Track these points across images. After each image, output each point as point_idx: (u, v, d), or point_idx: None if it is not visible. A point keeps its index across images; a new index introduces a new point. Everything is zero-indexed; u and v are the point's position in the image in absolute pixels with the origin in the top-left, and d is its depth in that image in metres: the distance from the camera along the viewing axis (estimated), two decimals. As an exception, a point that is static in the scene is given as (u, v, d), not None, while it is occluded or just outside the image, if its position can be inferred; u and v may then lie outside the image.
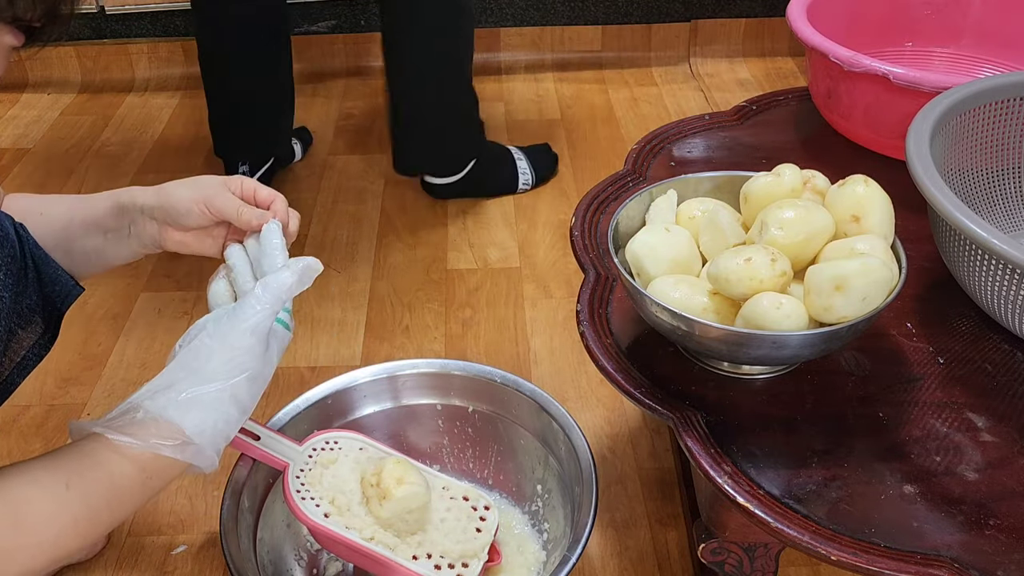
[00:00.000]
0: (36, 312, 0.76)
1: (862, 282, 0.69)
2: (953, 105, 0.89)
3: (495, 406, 1.05)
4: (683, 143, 1.14)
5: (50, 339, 0.79)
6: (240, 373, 0.71)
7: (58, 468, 0.66)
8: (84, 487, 0.65)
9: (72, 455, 0.67)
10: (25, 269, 0.74)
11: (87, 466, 0.66)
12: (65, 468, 0.66)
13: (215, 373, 0.71)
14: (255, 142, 1.79)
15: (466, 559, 0.88)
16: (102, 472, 0.67)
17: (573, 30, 2.35)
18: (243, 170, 1.78)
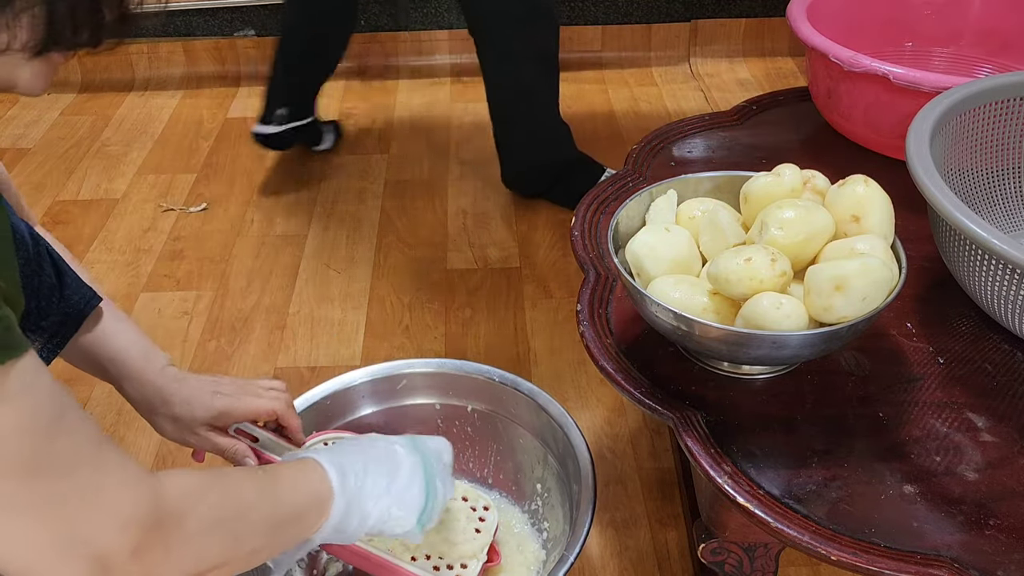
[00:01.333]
0: (55, 316, 0.77)
1: (862, 282, 0.69)
2: (953, 105, 0.89)
3: (494, 405, 1.05)
4: (683, 143, 1.14)
5: (59, 343, 0.79)
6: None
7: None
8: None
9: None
10: (40, 273, 0.74)
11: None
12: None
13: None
14: (305, 93, 1.88)
15: (465, 560, 0.88)
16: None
17: (573, 30, 2.35)
18: (281, 113, 1.84)
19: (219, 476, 0.64)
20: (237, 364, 1.42)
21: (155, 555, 0.56)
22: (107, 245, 1.72)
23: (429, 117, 2.14)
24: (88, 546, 0.52)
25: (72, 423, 0.53)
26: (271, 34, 2.34)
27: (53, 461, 0.51)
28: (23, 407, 0.50)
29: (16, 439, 0.50)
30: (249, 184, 1.90)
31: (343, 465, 0.73)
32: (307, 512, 0.70)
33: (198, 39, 2.35)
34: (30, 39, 0.53)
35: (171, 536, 0.57)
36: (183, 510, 0.58)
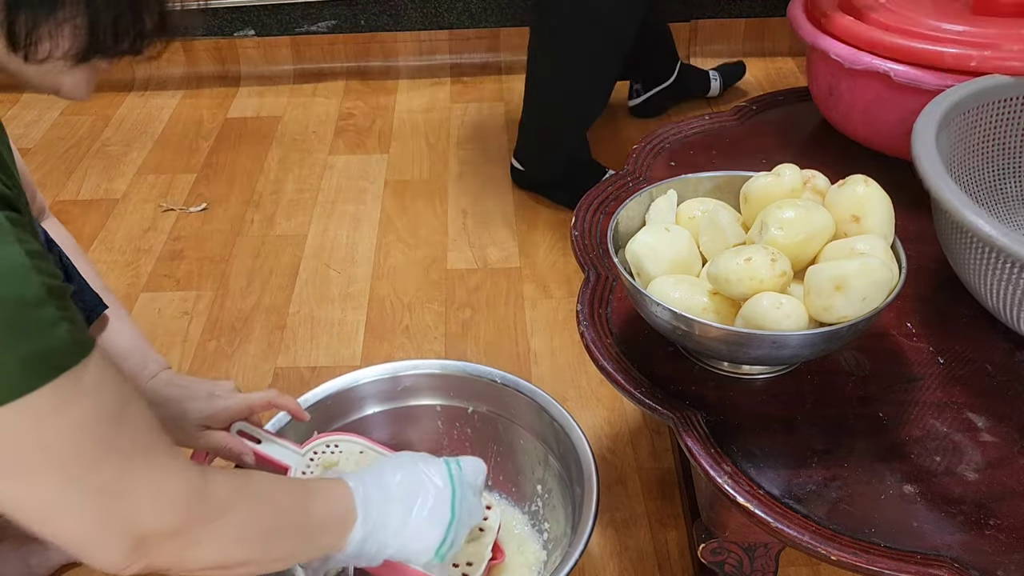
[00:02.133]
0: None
1: (862, 282, 0.69)
2: (956, 103, 0.89)
3: (495, 406, 1.05)
4: (683, 143, 1.14)
5: None
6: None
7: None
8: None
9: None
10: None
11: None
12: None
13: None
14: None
15: (470, 559, 0.89)
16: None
17: (573, 30, 2.35)
18: (637, 88, 2.03)
19: (256, 480, 0.67)
20: (237, 364, 1.42)
21: (189, 541, 0.59)
22: (107, 245, 1.72)
23: (429, 117, 2.14)
24: (134, 524, 0.56)
25: (134, 412, 0.57)
26: (271, 34, 2.35)
27: (118, 446, 0.56)
28: (99, 399, 0.54)
29: (92, 428, 0.54)
30: (249, 184, 1.90)
31: (369, 494, 0.74)
32: (330, 531, 0.72)
33: (198, 39, 2.35)
34: (72, 47, 0.55)
35: (208, 527, 0.60)
36: (224, 506, 0.61)
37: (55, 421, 0.52)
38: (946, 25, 1.00)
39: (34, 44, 0.53)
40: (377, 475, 0.76)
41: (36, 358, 0.50)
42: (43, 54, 0.54)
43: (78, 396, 0.53)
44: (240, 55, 2.35)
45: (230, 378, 1.39)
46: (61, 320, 0.52)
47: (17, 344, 0.49)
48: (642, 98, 2.05)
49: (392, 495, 0.75)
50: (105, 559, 0.57)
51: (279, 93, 2.27)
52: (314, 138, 2.06)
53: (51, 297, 0.51)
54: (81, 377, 0.53)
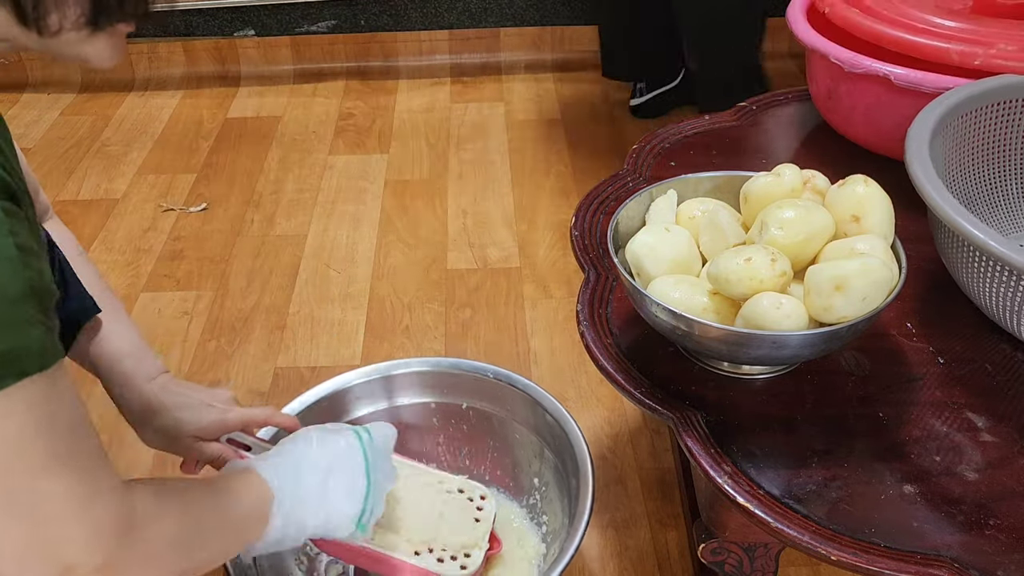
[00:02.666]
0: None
1: (862, 282, 0.69)
2: (954, 107, 0.89)
3: (489, 402, 1.05)
4: (683, 143, 1.14)
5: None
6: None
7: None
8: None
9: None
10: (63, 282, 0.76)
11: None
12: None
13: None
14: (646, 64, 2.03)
15: (468, 549, 0.89)
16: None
17: (573, 30, 2.35)
18: (641, 87, 2.04)
19: (180, 491, 0.65)
20: (237, 364, 1.42)
21: (118, 567, 0.56)
22: (107, 245, 1.72)
23: (429, 117, 2.14)
24: (61, 553, 0.53)
25: (83, 436, 0.55)
26: (271, 34, 2.35)
27: (60, 466, 0.53)
28: (53, 413, 0.52)
29: (38, 441, 0.51)
30: (249, 184, 1.90)
31: (282, 478, 0.73)
32: (252, 527, 0.71)
33: (198, 39, 2.35)
34: (81, 15, 0.54)
35: (136, 551, 0.58)
36: (149, 526, 0.59)
37: (3, 425, 0.50)
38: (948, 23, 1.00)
39: (42, 17, 0.53)
40: (287, 455, 0.76)
41: (2, 356, 0.48)
42: (55, 26, 0.54)
43: (34, 405, 0.50)
44: (240, 55, 2.35)
45: (230, 379, 1.39)
46: (38, 323, 0.50)
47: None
48: (645, 98, 2.05)
49: (304, 474, 0.74)
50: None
51: (279, 93, 2.27)
52: (314, 138, 2.06)
53: (32, 296, 0.50)
54: (45, 387, 0.51)
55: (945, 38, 0.98)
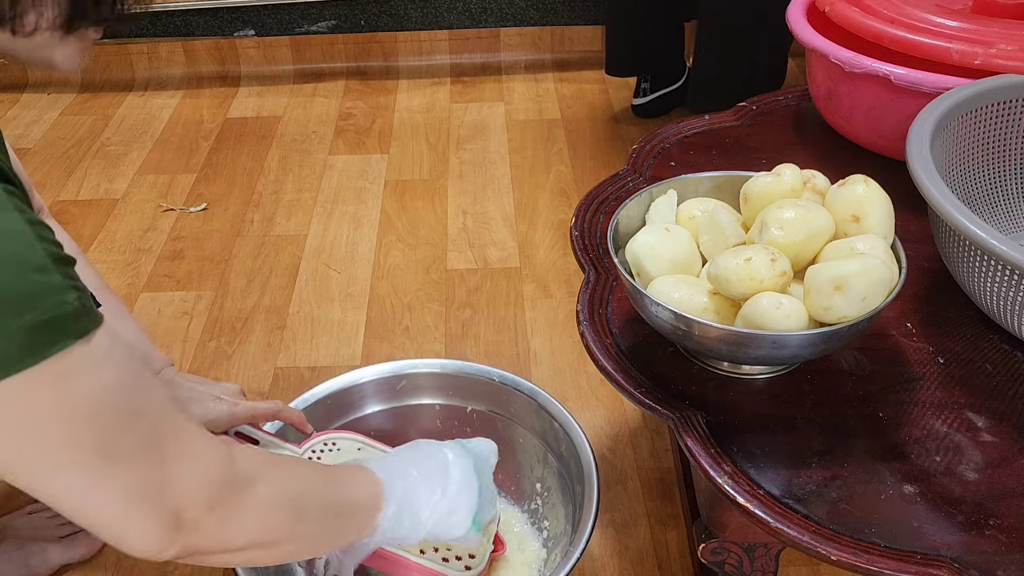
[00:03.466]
0: None
1: (862, 282, 0.69)
2: (954, 106, 0.89)
3: (493, 405, 1.05)
4: (683, 143, 1.14)
5: None
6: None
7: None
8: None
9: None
10: None
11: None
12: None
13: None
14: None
15: (472, 550, 0.89)
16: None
17: (573, 30, 2.35)
18: (644, 87, 2.04)
19: (281, 457, 0.67)
20: (237, 364, 1.42)
21: (227, 514, 0.57)
22: (107, 245, 1.72)
23: (429, 117, 2.14)
24: (168, 497, 0.54)
25: (151, 383, 0.55)
26: (271, 34, 2.35)
27: (140, 416, 0.53)
28: (115, 369, 0.52)
29: (112, 398, 0.51)
30: (249, 184, 1.90)
31: (393, 471, 0.74)
32: (361, 509, 0.71)
33: (198, 39, 2.35)
34: (57, 16, 0.55)
35: (243, 499, 0.58)
36: (254, 477, 0.59)
37: (72, 392, 0.49)
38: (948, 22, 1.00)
39: (19, 16, 0.53)
40: (395, 457, 0.77)
41: (46, 324, 0.48)
42: (30, 26, 0.54)
43: (94, 365, 0.50)
44: (240, 55, 2.35)
45: (230, 378, 1.39)
46: (70, 288, 0.49)
47: (23, 310, 0.47)
48: (648, 98, 2.05)
49: (415, 472, 0.75)
50: (141, 540, 0.54)
51: (279, 93, 2.27)
52: (314, 138, 2.06)
53: (57, 264, 0.49)
54: (95, 346, 0.50)
55: (945, 38, 0.98)
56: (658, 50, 1.98)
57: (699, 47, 1.82)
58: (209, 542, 0.57)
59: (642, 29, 1.92)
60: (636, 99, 2.07)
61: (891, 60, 0.99)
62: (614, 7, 1.94)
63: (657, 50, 1.98)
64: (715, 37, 1.78)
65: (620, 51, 1.98)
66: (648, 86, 2.04)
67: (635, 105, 2.08)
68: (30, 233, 0.49)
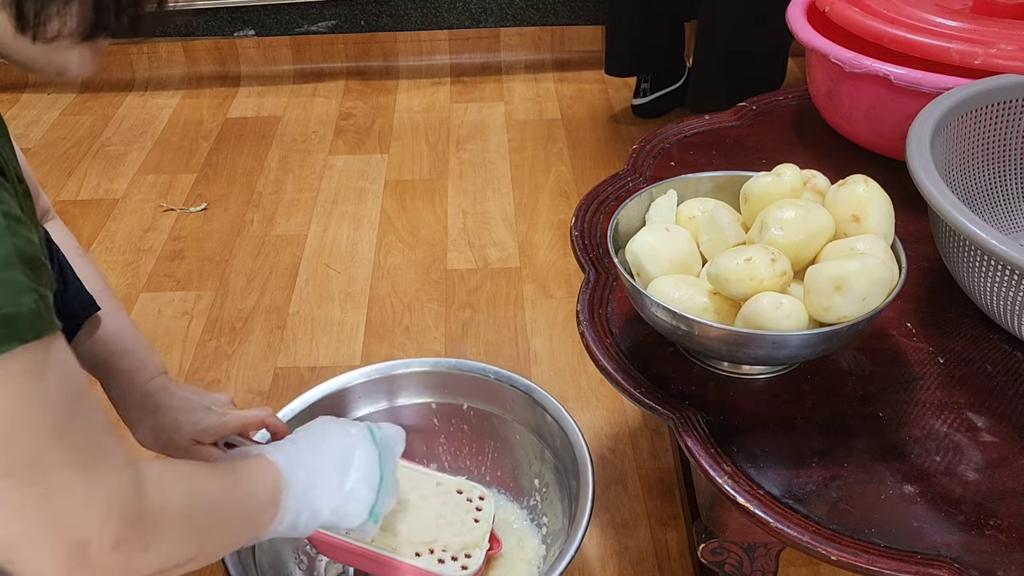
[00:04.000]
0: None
1: (862, 282, 0.69)
2: (954, 106, 0.89)
3: (489, 402, 1.05)
4: (683, 143, 1.14)
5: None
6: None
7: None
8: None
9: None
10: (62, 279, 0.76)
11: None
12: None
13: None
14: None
15: (468, 550, 0.89)
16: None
17: (573, 30, 2.35)
18: (644, 87, 2.05)
19: (190, 473, 0.64)
20: (237, 364, 1.42)
21: (133, 549, 0.55)
22: (107, 245, 1.72)
23: (429, 117, 2.14)
24: (73, 530, 0.51)
25: (89, 407, 0.53)
26: (271, 34, 2.35)
27: (67, 438, 0.51)
28: (56, 383, 0.50)
29: (42, 413, 0.50)
30: (249, 184, 1.90)
31: (293, 463, 0.73)
32: (263, 511, 0.70)
33: (198, 39, 2.35)
34: (79, 25, 0.55)
35: (149, 531, 0.56)
36: (161, 507, 0.58)
37: (3, 397, 0.47)
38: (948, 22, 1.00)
39: (43, 24, 0.53)
40: (298, 442, 0.76)
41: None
42: (52, 33, 0.54)
43: (34, 375, 0.49)
44: (240, 55, 2.35)
45: (230, 378, 1.39)
46: (30, 290, 0.48)
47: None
48: (648, 98, 2.05)
49: (318, 459, 0.74)
50: (37, 567, 0.51)
51: (279, 93, 2.27)
52: (314, 138, 2.06)
53: (22, 263, 0.48)
54: (40, 355, 0.49)
55: (945, 38, 0.98)
56: (658, 50, 1.98)
57: (699, 47, 1.82)
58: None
59: (642, 29, 1.92)
60: (636, 99, 2.07)
61: (891, 60, 0.99)
62: (614, 7, 1.94)
63: (657, 50, 1.98)
64: (715, 37, 1.78)
65: (620, 51, 1.98)
66: (648, 86, 2.04)
67: (635, 105, 2.08)
68: (3, 227, 0.48)
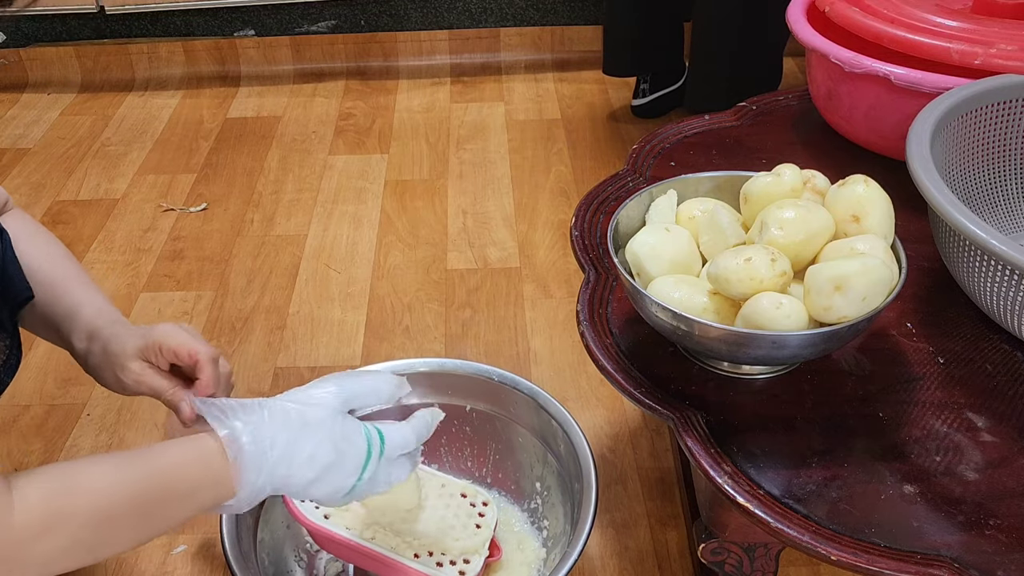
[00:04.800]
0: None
1: (862, 282, 0.69)
2: (954, 106, 0.89)
3: (493, 405, 1.05)
4: (683, 143, 1.14)
5: (17, 346, 0.78)
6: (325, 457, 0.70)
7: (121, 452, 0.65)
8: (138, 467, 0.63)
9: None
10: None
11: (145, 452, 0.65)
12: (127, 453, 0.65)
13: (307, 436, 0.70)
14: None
15: (467, 555, 0.89)
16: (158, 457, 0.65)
17: (573, 30, 2.35)
18: (644, 87, 2.03)
19: (73, 473, 0.60)
20: (237, 364, 1.42)
21: (13, 566, 0.54)
22: (107, 245, 1.72)
23: (429, 117, 2.14)
24: None
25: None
26: (271, 34, 2.35)
27: None
28: None
29: None
30: (249, 184, 1.90)
31: (255, 434, 0.67)
32: (203, 485, 0.65)
33: (198, 39, 2.35)
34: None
35: (29, 555, 0.55)
36: (26, 543, 0.55)
37: None
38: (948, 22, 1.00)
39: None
40: (273, 417, 0.69)
41: None
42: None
43: None
44: (240, 55, 2.35)
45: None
46: None
47: None
48: (648, 99, 2.05)
49: (294, 444, 0.69)
50: None
51: (279, 93, 2.27)
52: (314, 138, 2.06)
53: None
54: None
55: (945, 38, 0.98)
56: (657, 50, 1.98)
57: (697, 47, 1.82)
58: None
59: (641, 29, 1.92)
60: (636, 100, 2.07)
61: (891, 60, 0.99)
62: (613, 6, 1.94)
63: (656, 50, 1.97)
64: (713, 37, 1.78)
65: (619, 50, 1.98)
66: (648, 87, 2.04)
67: (635, 106, 2.07)
68: None
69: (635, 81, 2.07)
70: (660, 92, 2.04)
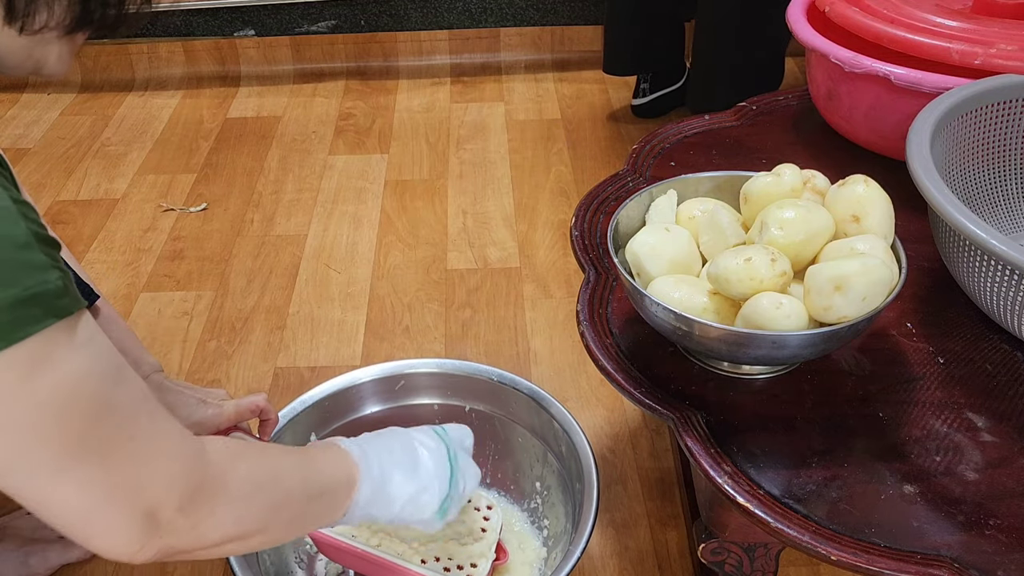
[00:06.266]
0: None
1: (862, 282, 0.69)
2: (954, 106, 0.89)
3: (493, 405, 1.05)
4: (683, 143, 1.14)
5: None
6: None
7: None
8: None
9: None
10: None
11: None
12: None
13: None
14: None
15: (474, 559, 0.89)
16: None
17: (573, 30, 2.35)
18: (644, 87, 2.05)
19: (253, 446, 0.65)
20: (237, 364, 1.42)
21: (201, 512, 0.56)
22: (107, 245, 1.72)
23: (429, 117, 2.14)
24: (141, 498, 0.52)
25: (130, 375, 0.54)
26: (271, 34, 2.35)
27: (117, 407, 0.52)
28: (95, 355, 0.51)
29: (89, 385, 0.50)
30: (249, 184, 1.90)
31: (367, 450, 0.73)
32: (337, 489, 0.70)
33: (198, 39, 2.35)
34: (65, 17, 0.55)
35: (216, 495, 0.57)
36: (225, 471, 0.58)
37: (49, 374, 0.47)
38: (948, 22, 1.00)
39: (32, 15, 0.54)
40: (372, 435, 0.76)
41: (27, 301, 0.46)
42: (39, 24, 0.54)
43: (73, 348, 0.49)
44: (240, 55, 2.35)
45: (230, 378, 1.39)
46: (52, 267, 0.48)
47: (5, 285, 0.46)
48: (648, 98, 2.05)
49: (392, 453, 0.74)
50: (113, 541, 0.52)
51: (279, 93, 2.27)
52: (314, 138, 2.06)
53: (40, 243, 0.48)
54: (75, 329, 0.49)
55: (945, 38, 0.98)
56: (658, 50, 1.98)
57: (697, 47, 1.82)
58: (184, 542, 0.56)
59: (642, 29, 1.92)
60: (636, 99, 2.07)
61: (891, 60, 0.99)
62: (613, 6, 1.94)
63: (657, 50, 1.97)
64: (714, 37, 1.77)
65: (619, 50, 1.98)
66: (648, 86, 2.04)
67: (635, 105, 2.07)
68: (14, 211, 0.48)
69: (635, 81, 2.07)
70: (660, 92, 2.04)
